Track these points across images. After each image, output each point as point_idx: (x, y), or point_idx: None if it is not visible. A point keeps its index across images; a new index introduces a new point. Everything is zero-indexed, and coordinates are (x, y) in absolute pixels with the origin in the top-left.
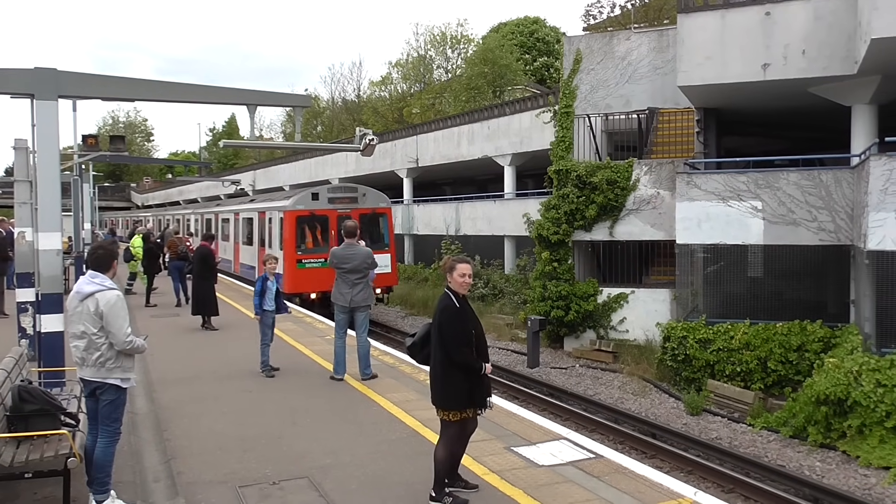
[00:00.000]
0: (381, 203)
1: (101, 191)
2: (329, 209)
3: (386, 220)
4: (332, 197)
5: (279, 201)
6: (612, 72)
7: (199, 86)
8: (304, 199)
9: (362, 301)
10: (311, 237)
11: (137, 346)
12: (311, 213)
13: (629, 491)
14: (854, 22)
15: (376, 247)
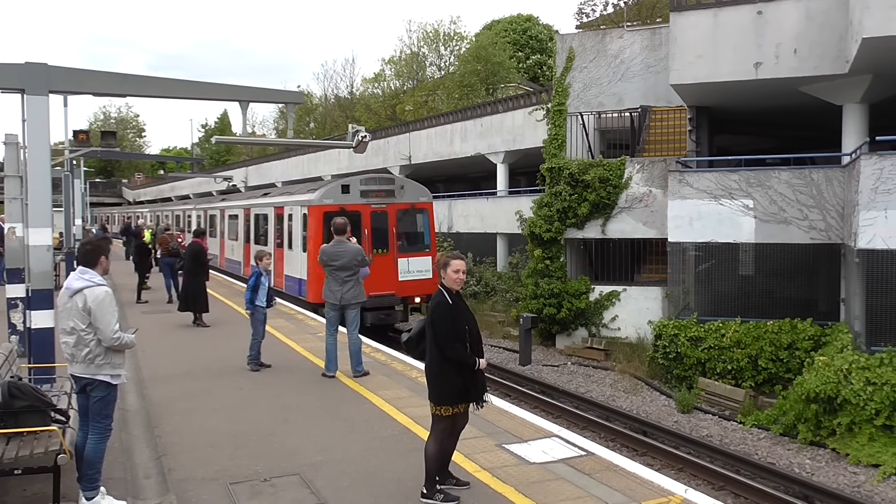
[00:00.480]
0: (422, 197)
1: (92, 186)
2: (361, 204)
3: (426, 216)
4: (366, 190)
5: (301, 195)
6: (604, 70)
7: (192, 82)
8: (332, 192)
9: (352, 299)
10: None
11: (126, 342)
12: (341, 209)
13: (620, 488)
14: (845, 21)
15: (414, 248)
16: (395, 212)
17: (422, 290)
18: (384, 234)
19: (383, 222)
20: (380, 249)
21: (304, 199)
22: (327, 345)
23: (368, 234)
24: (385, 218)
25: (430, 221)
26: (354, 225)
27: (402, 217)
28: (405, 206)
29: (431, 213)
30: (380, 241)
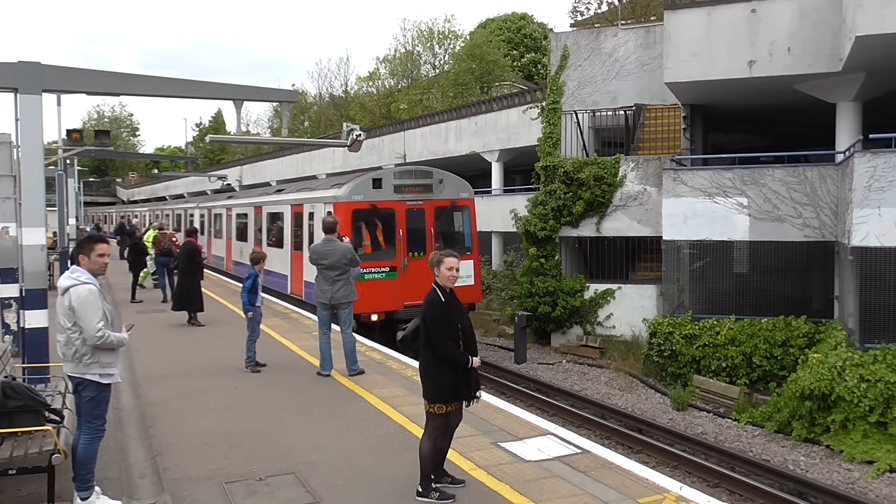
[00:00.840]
0: (463, 192)
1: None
2: (395, 200)
3: (468, 214)
4: (400, 184)
5: (324, 190)
6: (599, 68)
7: (185, 80)
8: (362, 187)
9: (342, 298)
10: (370, 238)
11: (112, 341)
12: (373, 206)
13: (615, 486)
14: (839, 19)
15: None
16: (432, 209)
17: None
18: (421, 235)
19: (420, 221)
20: (416, 252)
21: (328, 196)
22: (321, 344)
23: (403, 234)
24: (422, 216)
25: (472, 220)
26: (387, 224)
27: (440, 215)
28: (444, 202)
29: (473, 210)
30: (416, 242)
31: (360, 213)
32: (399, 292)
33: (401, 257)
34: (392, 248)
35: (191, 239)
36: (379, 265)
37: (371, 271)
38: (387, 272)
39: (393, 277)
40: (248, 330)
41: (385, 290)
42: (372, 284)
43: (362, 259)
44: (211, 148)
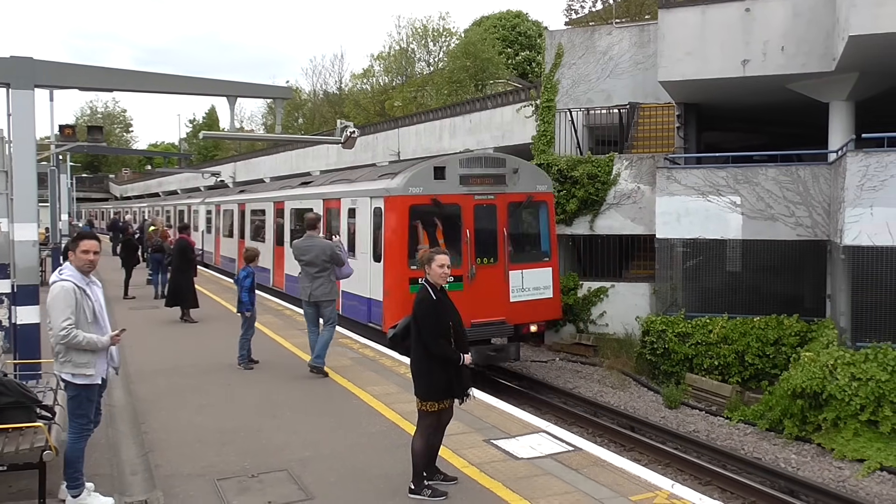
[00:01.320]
0: (541, 185)
1: (78, 182)
2: (462, 194)
3: (545, 212)
4: (467, 174)
5: (370, 181)
6: (593, 66)
7: (179, 76)
8: (421, 178)
9: (322, 296)
10: (428, 240)
11: (80, 341)
12: (433, 201)
13: (608, 483)
14: (832, 19)
15: (530, 257)
16: (505, 205)
17: (540, 314)
18: (491, 237)
19: (490, 220)
20: (486, 258)
21: (376, 188)
22: (310, 341)
23: (470, 236)
24: (493, 214)
25: (550, 219)
26: (451, 224)
27: (514, 212)
28: (519, 196)
29: (552, 206)
30: (485, 246)
31: (419, 211)
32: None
33: (468, 264)
34: (456, 252)
35: (184, 235)
36: None
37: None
38: (450, 283)
39: (457, 289)
40: (244, 328)
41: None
42: None
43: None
44: (204, 144)
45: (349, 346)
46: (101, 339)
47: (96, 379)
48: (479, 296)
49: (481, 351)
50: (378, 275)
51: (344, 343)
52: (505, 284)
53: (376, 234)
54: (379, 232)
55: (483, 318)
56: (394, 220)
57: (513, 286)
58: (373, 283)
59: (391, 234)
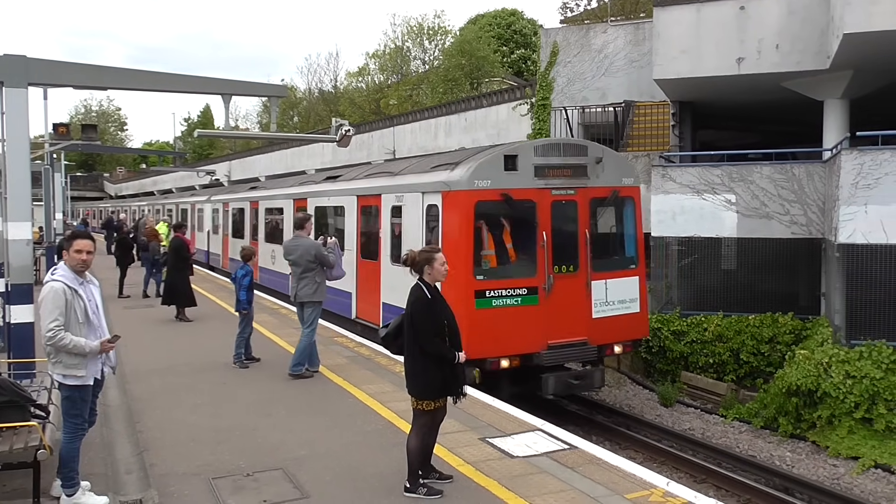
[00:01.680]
0: (626, 178)
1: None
2: (538, 188)
3: (631, 210)
4: (544, 165)
5: (424, 174)
6: (588, 65)
7: (174, 75)
8: (489, 169)
9: (305, 297)
10: (494, 244)
11: (66, 343)
12: (505, 197)
13: (603, 481)
14: (827, 17)
15: (615, 264)
16: (587, 202)
17: (625, 332)
18: (571, 241)
19: (570, 220)
20: (564, 266)
21: (432, 181)
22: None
23: (547, 239)
24: (573, 212)
25: (637, 218)
26: (523, 224)
27: (597, 210)
28: (603, 191)
29: (639, 203)
30: (565, 251)
31: (486, 209)
32: (541, 325)
33: (544, 273)
34: (530, 259)
35: (178, 234)
36: (511, 285)
37: (498, 294)
38: (523, 296)
39: (532, 304)
40: (241, 327)
41: (520, 323)
42: (499, 315)
43: (488, 277)
44: (199, 143)
45: (344, 345)
46: (89, 344)
47: (87, 380)
48: (556, 311)
49: (560, 378)
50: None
51: (339, 342)
52: (586, 297)
53: (430, 236)
54: (434, 234)
55: (561, 339)
56: (455, 219)
57: (595, 299)
58: None
59: (451, 237)
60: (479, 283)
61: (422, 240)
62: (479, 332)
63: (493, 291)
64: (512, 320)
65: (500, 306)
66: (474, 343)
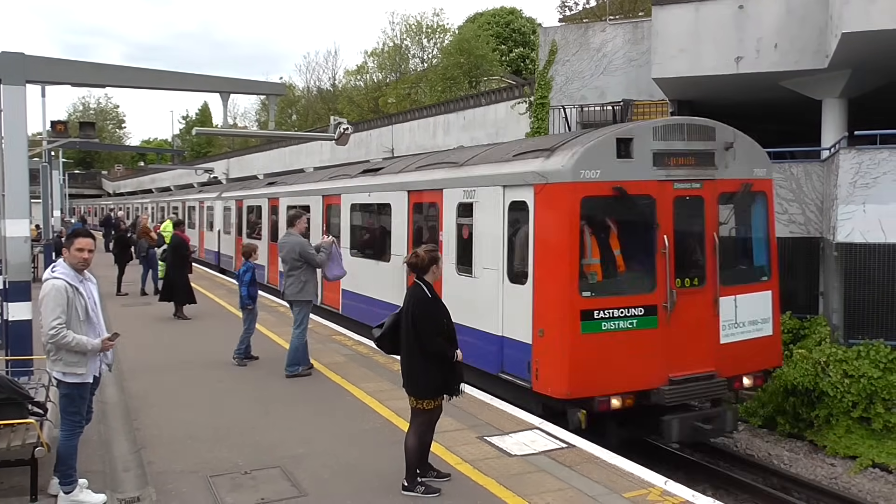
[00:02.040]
0: (758, 168)
1: (71, 178)
2: (659, 180)
3: (763, 207)
4: (664, 151)
5: (505, 163)
6: (587, 63)
7: (172, 72)
8: (598, 155)
9: (291, 295)
10: (599, 251)
11: (69, 341)
12: (619, 192)
13: (601, 480)
14: (825, 16)
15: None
16: (714, 197)
17: (756, 360)
18: (697, 246)
19: (695, 220)
20: (689, 279)
21: (519, 172)
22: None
23: (669, 245)
24: (698, 211)
25: (770, 218)
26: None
27: (727, 208)
28: (732, 185)
29: (772, 199)
30: (689, 260)
31: (595, 207)
32: (660, 354)
33: (665, 288)
34: (645, 270)
35: (177, 231)
36: (624, 303)
37: (609, 315)
38: (639, 317)
39: (649, 326)
40: (246, 323)
41: (636, 352)
42: (610, 341)
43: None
44: (198, 141)
45: (343, 343)
46: (91, 342)
47: (87, 378)
48: (679, 336)
49: (686, 422)
50: (520, 303)
51: (337, 339)
52: (714, 318)
53: (515, 241)
54: (520, 237)
55: (685, 371)
56: (553, 220)
57: (724, 320)
58: (508, 314)
59: (547, 243)
60: (585, 302)
61: (502, 245)
62: (584, 364)
63: (602, 311)
64: (625, 348)
65: (610, 330)
66: (579, 377)
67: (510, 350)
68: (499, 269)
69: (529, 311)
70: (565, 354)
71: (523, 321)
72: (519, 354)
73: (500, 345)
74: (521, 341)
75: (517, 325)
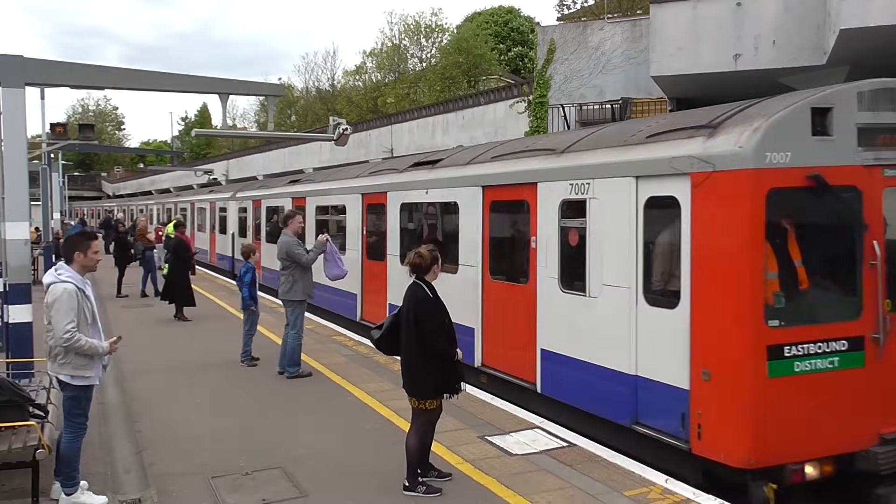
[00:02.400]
0: None
1: (70, 180)
2: (866, 165)
3: None
4: (872, 126)
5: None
6: (585, 62)
7: (171, 74)
8: (787, 131)
9: (283, 294)
10: (776, 259)
11: (82, 345)
12: (816, 181)
13: (601, 479)
14: (823, 12)
15: None
16: None
17: None
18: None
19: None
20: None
21: (665, 157)
22: (282, 340)
23: (881, 254)
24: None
25: None
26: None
27: None
28: None
29: None
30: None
31: (783, 202)
32: (868, 403)
33: (875, 312)
34: (849, 287)
35: (178, 233)
36: (820, 334)
37: (804, 352)
38: (841, 353)
39: (854, 366)
40: (247, 325)
41: (836, 400)
42: (805, 387)
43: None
44: (197, 142)
45: (343, 344)
46: (101, 345)
47: (95, 380)
48: (893, 379)
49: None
50: (667, 333)
51: (338, 340)
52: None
53: (656, 250)
54: (664, 245)
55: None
56: (726, 219)
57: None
58: (645, 346)
59: (716, 251)
60: (773, 334)
61: (634, 255)
62: (773, 420)
63: (795, 347)
64: (824, 396)
65: (805, 372)
66: (766, 438)
67: (651, 395)
68: (630, 286)
69: (685, 344)
70: (747, 407)
71: (674, 357)
72: (666, 402)
73: (632, 387)
74: (671, 385)
75: (662, 361)
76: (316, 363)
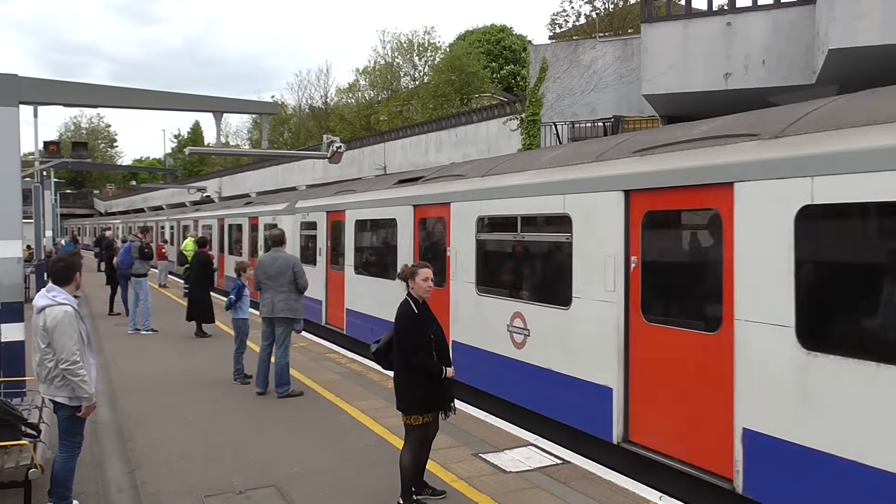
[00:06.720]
0: None
1: (62, 198)
2: None
3: None
4: None
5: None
6: (577, 80)
7: (165, 92)
8: None
9: (282, 311)
10: None
11: (81, 375)
12: None
13: (596, 496)
14: (812, 33)
15: None
16: None
17: None
18: None
19: None
20: None
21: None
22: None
23: None
24: None
25: None
26: None
27: None
28: None
29: None
30: None
31: None
32: None
33: None
34: None
35: (203, 250)
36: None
37: None
38: None
39: None
40: (237, 342)
41: None
42: None
43: None
44: (190, 159)
45: (337, 361)
46: (90, 389)
47: (92, 400)
48: None
49: None
50: None
51: (331, 358)
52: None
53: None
54: None
55: None
56: None
57: None
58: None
59: None
60: None
61: None
62: None
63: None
64: None
65: None
66: None
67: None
68: None
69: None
70: None
71: None
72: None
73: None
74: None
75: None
76: (309, 381)
